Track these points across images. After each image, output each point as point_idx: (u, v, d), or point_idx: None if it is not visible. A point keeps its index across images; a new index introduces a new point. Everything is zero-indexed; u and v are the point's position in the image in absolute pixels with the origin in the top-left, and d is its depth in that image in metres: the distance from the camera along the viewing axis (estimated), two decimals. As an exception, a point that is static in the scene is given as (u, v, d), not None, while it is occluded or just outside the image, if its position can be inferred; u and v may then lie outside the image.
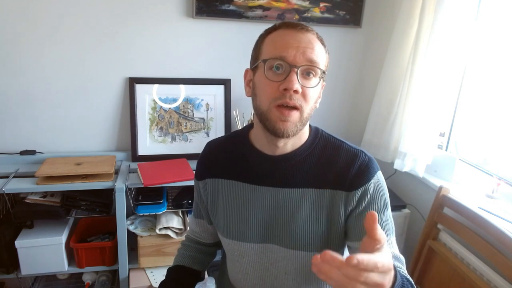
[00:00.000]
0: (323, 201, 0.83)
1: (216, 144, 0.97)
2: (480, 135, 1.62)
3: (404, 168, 1.64)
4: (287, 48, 0.75)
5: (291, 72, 0.74)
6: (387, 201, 0.85)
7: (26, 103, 1.71)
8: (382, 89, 1.75)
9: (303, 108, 0.77)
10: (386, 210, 0.84)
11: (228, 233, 0.91)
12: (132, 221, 1.72)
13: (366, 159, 0.84)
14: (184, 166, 1.73)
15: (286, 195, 0.84)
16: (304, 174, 0.84)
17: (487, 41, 1.53)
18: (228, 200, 0.90)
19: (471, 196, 1.49)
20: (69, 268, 1.64)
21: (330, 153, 0.85)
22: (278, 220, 0.85)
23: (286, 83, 0.74)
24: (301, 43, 0.75)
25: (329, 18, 1.87)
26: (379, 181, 0.84)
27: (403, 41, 1.64)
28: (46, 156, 1.72)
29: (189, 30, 1.78)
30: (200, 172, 0.96)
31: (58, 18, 1.63)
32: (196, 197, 1.02)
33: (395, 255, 0.81)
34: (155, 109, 1.82)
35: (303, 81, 0.76)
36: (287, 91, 0.74)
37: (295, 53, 0.75)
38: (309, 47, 0.76)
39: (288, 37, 0.77)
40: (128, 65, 1.77)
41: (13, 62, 1.65)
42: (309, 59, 0.75)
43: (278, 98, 0.75)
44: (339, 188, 0.82)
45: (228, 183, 0.90)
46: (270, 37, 0.80)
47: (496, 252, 1.22)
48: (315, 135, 0.88)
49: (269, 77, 0.77)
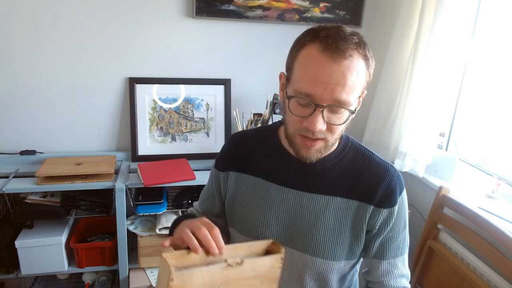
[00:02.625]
0: (348, 211, 0.83)
1: (243, 137, 0.95)
2: (480, 135, 1.62)
3: (404, 168, 1.64)
4: (315, 84, 0.70)
5: (316, 111, 0.71)
6: (407, 220, 0.88)
7: (26, 103, 1.71)
8: (382, 89, 1.75)
9: (328, 139, 0.76)
10: (405, 229, 0.88)
11: (244, 230, 0.89)
12: (132, 221, 1.72)
13: (395, 176, 0.84)
14: (184, 166, 1.72)
15: (310, 200, 0.84)
16: (332, 182, 0.83)
17: (487, 41, 1.53)
18: (249, 197, 0.88)
19: (471, 196, 1.49)
20: (69, 268, 1.64)
21: (360, 164, 0.85)
22: (299, 224, 0.84)
23: (309, 122, 0.72)
24: (331, 79, 0.69)
25: (329, 18, 1.87)
26: (403, 202, 0.86)
27: (403, 41, 1.64)
28: (46, 156, 1.72)
29: (189, 30, 1.78)
30: (223, 163, 0.93)
31: (58, 18, 1.63)
32: (210, 188, 0.98)
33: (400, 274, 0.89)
34: (155, 109, 1.82)
35: (330, 116, 0.73)
36: (309, 129, 0.73)
37: (322, 92, 0.69)
38: (339, 84, 0.69)
39: (318, 68, 0.70)
40: (128, 65, 1.77)
41: (13, 62, 1.64)
42: (337, 99, 0.70)
43: (301, 130, 0.75)
44: (367, 201, 0.82)
45: (253, 179, 0.89)
46: (303, 55, 0.73)
47: (496, 252, 1.22)
48: (346, 144, 0.87)
49: (294, 112, 0.74)
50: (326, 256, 0.83)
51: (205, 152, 1.85)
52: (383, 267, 0.88)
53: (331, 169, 0.84)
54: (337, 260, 0.84)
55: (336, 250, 0.83)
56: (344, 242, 0.83)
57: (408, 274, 0.92)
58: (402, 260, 0.89)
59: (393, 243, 0.86)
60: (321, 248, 0.83)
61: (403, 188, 0.85)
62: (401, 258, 0.89)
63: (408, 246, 0.91)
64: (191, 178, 1.61)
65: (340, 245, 0.83)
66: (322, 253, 0.83)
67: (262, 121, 1.76)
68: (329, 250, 0.83)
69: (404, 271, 0.90)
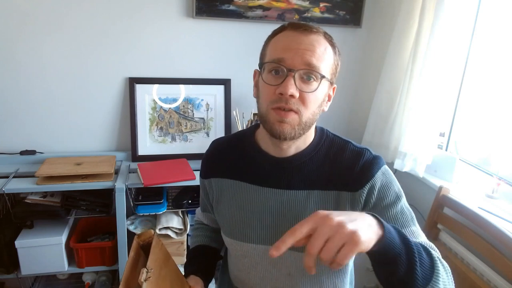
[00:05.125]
0: (328, 203, 0.82)
1: (221, 143, 0.96)
2: (480, 135, 1.62)
3: (404, 168, 1.64)
4: (286, 51, 0.74)
5: (288, 77, 0.73)
6: (399, 192, 0.82)
7: (26, 103, 1.71)
8: (382, 89, 1.75)
9: (301, 112, 0.75)
10: (399, 201, 0.81)
11: (231, 233, 0.90)
12: (132, 221, 1.72)
13: (370, 157, 0.82)
14: (184, 166, 1.72)
15: (291, 197, 0.84)
16: (309, 175, 0.83)
17: (487, 41, 1.53)
18: (232, 200, 0.90)
19: (471, 196, 1.49)
20: (69, 268, 1.64)
21: (335, 153, 0.84)
22: (282, 222, 0.84)
23: (281, 87, 0.73)
24: (301, 45, 0.73)
25: (329, 18, 1.87)
26: (385, 174, 0.82)
27: (403, 41, 1.64)
28: (46, 156, 1.72)
29: (189, 30, 1.78)
30: (204, 171, 0.96)
31: (58, 18, 1.63)
32: (202, 194, 1.02)
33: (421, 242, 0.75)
34: (155, 109, 1.82)
35: (302, 85, 0.74)
36: (283, 96, 0.73)
37: (293, 56, 0.73)
38: (309, 50, 0.73)
39: (289, 39, 0.75)
40: (128, 65, 1.77)
41: (13, 62, 1.64)
42: (308, 62, 0.73)
43: (275, 102, 0.75)
44: (344, 189, 0.81)
45: (233, 183, 0.90)
46: (274, 39, 0.79)
47: (496, 252, 1.22)
48: (321, 136, 0.87)
49: (267, 81, 0.76)
50: None
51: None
52: None
53: (307, 163, 0.84)
54: None
55: None
56: None
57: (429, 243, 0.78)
58: (411, 232, 0.79)
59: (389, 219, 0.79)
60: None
61: (381, 164, 0.82)
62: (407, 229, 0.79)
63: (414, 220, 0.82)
64: (191, 178, 1.61)
65: None
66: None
67: (262, 121, 1.76)
68: None
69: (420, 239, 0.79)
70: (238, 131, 0.98)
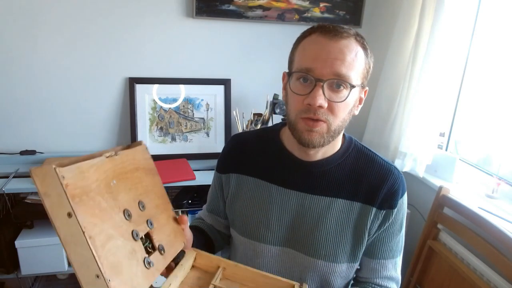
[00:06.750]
0: (351, 213, 0.82)
1: (243, 139, 0.94)
2: (480, 135, 1.62)
3: (404, 168, 1.64)
4: (314, 60, 0.71)
5: (316, 86, 0.71)
6: (404, 223, 0.87)
7: (26, 103, 1.71)
8: (382, 89, 1.75)
9: (330, 121, 0.74)
10: (400, 232, 0.87)
11: (245, 231, 0.89)
12: (132, 221, 1.72)
13: (398, 178, 0.84)
14: (184, 166, 1.72)
15: (313, 202, 0.83)
16: (335, 183, 0.83)
17: (487, 41, 1.53)
18: (250, 199, 0.88)
19: (471, 196, 1.49)
20: (69, 268, 1.64)
21: (363, 165, 0.84)
22: (301, 226, 0.84)
23: (309, 98, 0.71)
24: (330, 54, 0.71)
25: (329, 18, 1.87)
26: (403, 205, 0.85)
27: (403, 41, 1.64)
28: (46, 156, 1.72)
29: (189, 30, 1.78)
30: (224, 166, 0.94)
31: (58, 18, 1.64)
32: (214, 190, 0.98)
33: (389, 276, 0.87)
34: (155, 109, 1.82)
35: (331, 94, 0.72)
36: (311, 106, 0.72)
37: (322, 66, 0.71)
38: (338, 59, 0.71)
39: (318, 46, 0.72)
40: (128, 65, 1.77)
41: (13, 62, 1.65)
42: (337, 73, 0.71)
43: (304, 112, 0.74)
44: (370, 203, 0.82)
45: (254, 181, 0.88)
46: (303, 44, 0.76)
47: (496, 252, 1.22)
48: (349, 145, 0.86)
49: (295, 90, 0.75)
50: (327, 258, 0.82)
51: (205, 152, 1.85)
52: (372, 265, 0.87)
53: (333, 170, 0.83)
54: (339, 263, 0.83)
55: (337, 253, 0.82)
56: (346, 244, 0.83)
57: (398, 279, 0.90)
58: (394, 264, 0.88)
59: (386, 245, 0.86)
60: (323, 250, 0.82)
61: (405, 190, 0.85)
62: (392, 261, 0.87)
63: (402, 250, 0.89)
64: (191, 178, 1.61)
65: (342, 247, 0.82)
66: (324, 255, 0.82)
67: (262, 121, 1.76)
68: (331, 252, 0.82)
69: (394, 274, 0.88)
70: (262, 128, 0.97)
